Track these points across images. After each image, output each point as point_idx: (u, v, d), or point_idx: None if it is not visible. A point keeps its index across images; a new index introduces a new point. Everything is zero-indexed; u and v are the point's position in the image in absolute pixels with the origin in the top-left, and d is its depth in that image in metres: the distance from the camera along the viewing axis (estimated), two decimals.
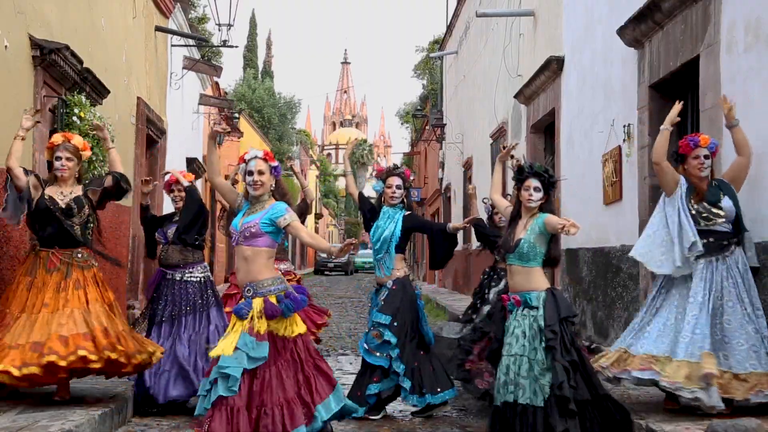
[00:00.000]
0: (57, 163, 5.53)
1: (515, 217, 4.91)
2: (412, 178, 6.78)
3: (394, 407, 6.39)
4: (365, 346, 6.12)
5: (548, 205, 4.89)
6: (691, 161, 5.28)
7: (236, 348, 4.43)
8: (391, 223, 6.24)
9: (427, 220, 6.40)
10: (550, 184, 4.84)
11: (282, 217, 4.62)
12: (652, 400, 5.57)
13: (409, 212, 6.38)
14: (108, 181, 5.67)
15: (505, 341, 4.77)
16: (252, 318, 4.50)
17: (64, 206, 5.45)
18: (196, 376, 5.99)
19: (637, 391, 5.88)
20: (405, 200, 6.39)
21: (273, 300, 4.54)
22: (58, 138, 5.61)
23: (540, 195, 4.81)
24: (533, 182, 4.80)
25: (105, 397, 5.64)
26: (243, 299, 4.62)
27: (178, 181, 6.40)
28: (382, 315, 6.06)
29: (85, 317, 5.34)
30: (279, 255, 7.24)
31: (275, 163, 4.74)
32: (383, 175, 6.43)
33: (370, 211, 6.48)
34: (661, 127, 5.38)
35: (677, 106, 5.40)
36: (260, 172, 4.65)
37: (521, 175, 4.87)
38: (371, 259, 6.40)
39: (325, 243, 4.94)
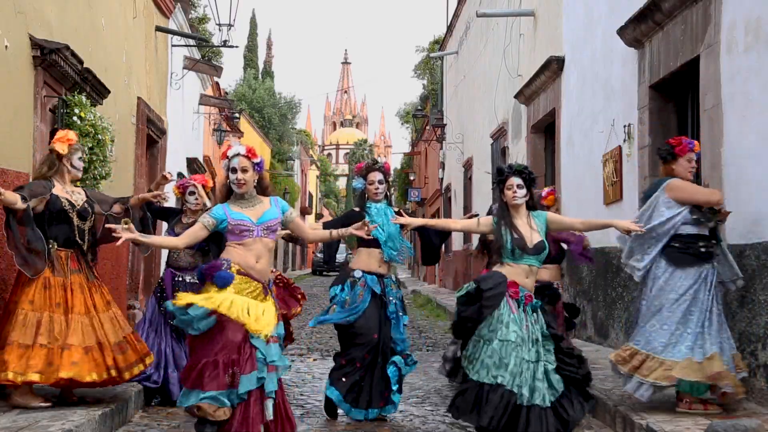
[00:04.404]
0: (78, 163, 5.55)
1: (503, 218, 4.88)
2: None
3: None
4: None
5: (532, 201, 4.95)
6: (684, 163, 5.40)
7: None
8: (387, 218, 5.86)
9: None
10: (531, 181, 4.90)
11: (289, 210, 4.80)
12: (652, 400, 5.56)
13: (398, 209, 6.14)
14: (117, 209, 5.72)
15: (506, 335, 4.71)
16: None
17: (80, 208, 5.48)
18: None
19: None
20: (388, 195, 6.03)
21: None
22: (73, 135, 5.58)
23: (524, 192, 4.87)
24: (515, 180, 4.86)
25: (105, 397, 5.64)
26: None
27: (195, 187, 6.43)
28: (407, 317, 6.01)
29: (95, 327, 5.36)
30: None
31: (258, 159, 4.71)
32: (363, 172, 5.98)
33: (351, 217, 5.84)
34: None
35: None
36: (243, 170, 4.63)
37: (501, 175, 4.91)
38: None
39: (327, 233, 5.14)
